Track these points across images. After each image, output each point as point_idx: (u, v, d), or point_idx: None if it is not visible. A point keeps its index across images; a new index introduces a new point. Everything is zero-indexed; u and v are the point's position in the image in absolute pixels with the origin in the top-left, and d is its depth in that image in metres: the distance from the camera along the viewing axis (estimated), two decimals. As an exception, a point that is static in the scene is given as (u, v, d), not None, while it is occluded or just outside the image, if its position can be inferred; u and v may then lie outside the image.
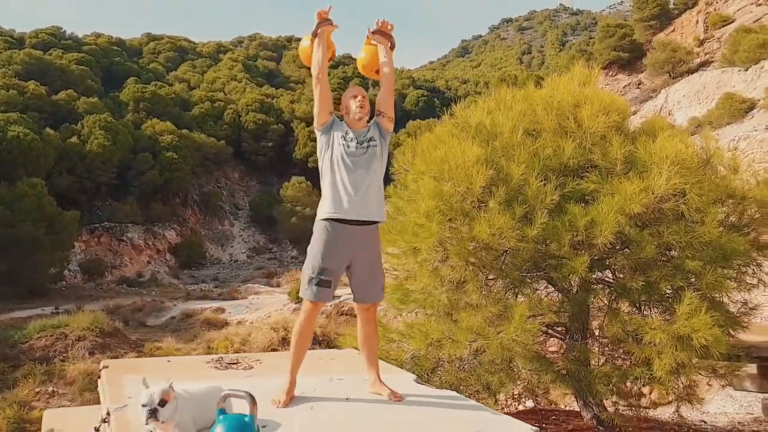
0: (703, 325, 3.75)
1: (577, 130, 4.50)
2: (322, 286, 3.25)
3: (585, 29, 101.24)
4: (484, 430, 2.92)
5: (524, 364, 4.37)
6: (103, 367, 3.91)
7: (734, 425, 6.12)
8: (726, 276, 4.31)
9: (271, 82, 69.79)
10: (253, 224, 53.91)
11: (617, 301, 4.58)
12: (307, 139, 53.53)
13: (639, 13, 42.13)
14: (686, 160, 4.14)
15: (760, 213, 4.51)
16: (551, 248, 4.22)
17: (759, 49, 28.59)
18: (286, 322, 25.01)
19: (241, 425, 2.46)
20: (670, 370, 3.92)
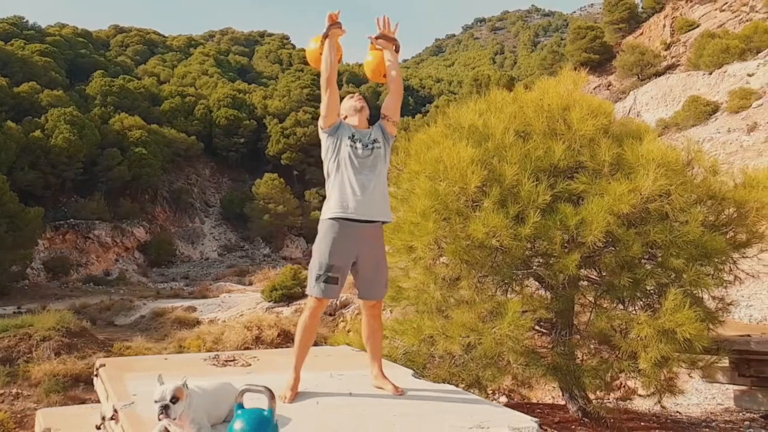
0: (687, 320, 3.94)
1: (567, 132, 4.66)
2: (330, 283, 3.32)
3: (556, 30, 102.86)
4: (488, 421, 3.03)
5: (515, 358, 4.51)
6: (100, 365, 3.91)
7: (708, 415, 6.40)
8: (706, 273, 4.52)
9: (243, 77, 69.16)
10: (224, 221, 53.33)
11: (604, 298, 4.75)
12: (280, 135, 53.22)
13: (609, 16, 43.04)
14: (671, 163, 4.34)
15: (738, 213, 4.74)
16: (543, 246, 4.37)
17: (722, 54, 29.53)
18: (259, 321, 24.89)
19: (260, 419, 2.52)
20: (655, 363, 4.11)
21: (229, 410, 2.93)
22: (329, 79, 3.41)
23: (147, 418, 2.86)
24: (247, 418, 2.50)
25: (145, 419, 2.85)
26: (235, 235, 52.78)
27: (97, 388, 3.81)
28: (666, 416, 6.02)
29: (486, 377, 4.67)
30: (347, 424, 3.01)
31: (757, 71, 27.23)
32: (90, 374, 19.00)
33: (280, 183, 49.10)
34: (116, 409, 3.04)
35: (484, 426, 2.96)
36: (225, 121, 54.35)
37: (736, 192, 4.73)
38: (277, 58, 78.88)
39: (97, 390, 3.82)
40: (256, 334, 23.97)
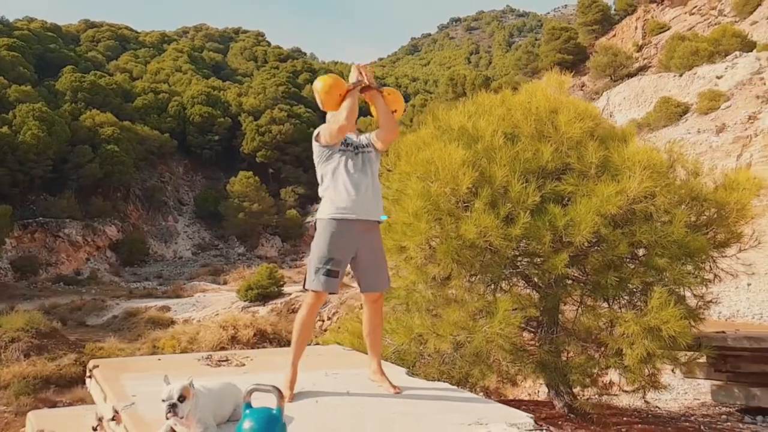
0: (672, 317, 4.08)
1: (554, 134, 4.77)
2: (330, 276, 3.37)
3: (531, 31, 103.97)
4: (485, 418, 3.10)
5: (504, 355, 4.60)
6: (94, 366, 3.88)
7: (686, 410, 6.60)
8: (688, 272, 4.67)
9: (217, 74, 68.43)
10: (198, 220, 52.73)
11: (590, 297, 4.87)
12: (255, 133, 52.81)
13: (582, 17, 43.67)
14: (656, 165, 4.47)
15: (718, 214, 4.91)
16: (532, 246, 4.47)
17: (692, 56, 30.18)
18: (235, 321, 24.72)
19: (269, 418, 2.55)
20: (640, 360, 4.24)
21: (233, 410, 2.96)
22: (346, 127, 3.39)
23: (150, 418, 2.87)
24: (256, 418, 2.53)
25: (149, 419, 2.86)
26: (210, 233, 52.23)
27: (91, 390, 3.79)
28: (646, 411, 6.19)
29: (475, 375, 4.75)
30: (347, 423, 3.05)
31: (725, 74, 27.93)
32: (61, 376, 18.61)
33: (255, 181, 48.73)
34: (117, 410, 3.04)
35: (483, 422, 3.03)
36: (199, 119, 53.72)
37: (717, 193, 4.90)
38: (252, 55, 78.21)
39: (91, 391, 3.79)
40: (231, 333, 23.81)
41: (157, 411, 2.96)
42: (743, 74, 26.93)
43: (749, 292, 16.49)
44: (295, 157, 53.10)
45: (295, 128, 53.06)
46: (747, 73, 26.86)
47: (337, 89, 3.40)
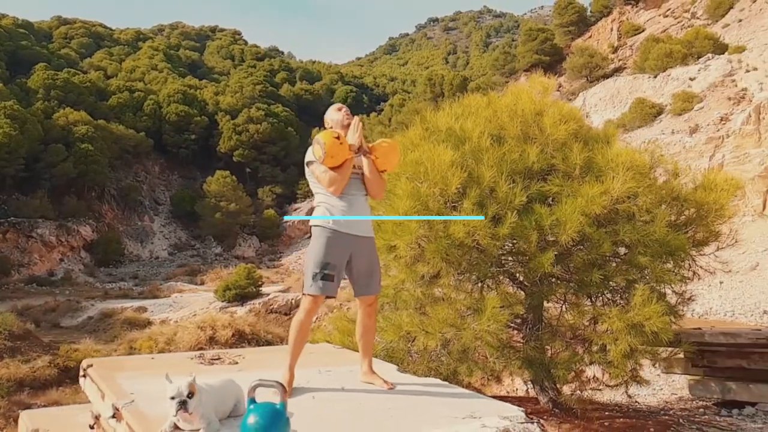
0: (654, 314, 4.22)
1: (540, 136, 4.88)
2: (327, 280, 3.45)
3: (508, 31, 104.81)
4: (478, 411, 3.19)
5: (491, 352, 4.70)
6: (88, 366, 3.88)
7: (664, 404, 6.79)
8: (668, 270, 4.82)
9: (194, 72, 67.76)
10: (174, 220, 52.14)
11: (575, 295, 5.00)
12: (232, 132, 52.43)
13: (559, 18, 44.18)
14: (639, 166, 4.61)
15: (697, 213, 5.08)
16: (520, 245, 4.58)
17: (666, 58, 30.77)
18: (213, 321, 24.56)
19: (273, 413, 2.60)
20: (624, 355, 4.37)
21: (233, 406, 3.00)
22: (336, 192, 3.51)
23: (151, 414, 2.91)
24: (261, 412, 2.58)
25: (150, 416, 2.90)
26: (186, 233, 51.70)
27: (85, 389, 3.79)
28: (627, 406, 6.37)
29: (462, 371, 4.84)
30: (345, 417, 3.12)
31: (698, 75, 28.56)
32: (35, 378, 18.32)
33: (232, 180, 48.37)
34: (117, 408, 3.06)
35: (476, 415, 3.12)
36: (175, 117, 53.13)
37: (696, 194, 5.06)
38: (229, 53, 77.61)
39: (85, 390, 3.80)
40: (210, 334, 23.66)
41: (158, 408, 3.00)
42: (715, 76, 27.57)
43: (722, 290, 16.95)
44: (273, 156, 52.88)
45: (273, 127, 52.81)
46: (719, 75, 27.50)
47: (340, 154, 3.46)
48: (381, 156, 3.62)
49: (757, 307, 17.55)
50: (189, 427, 2.71)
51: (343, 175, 3.47)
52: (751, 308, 17.28)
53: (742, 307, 17.47)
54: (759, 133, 24.13)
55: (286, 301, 29.05)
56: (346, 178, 3.50)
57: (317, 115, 70.15)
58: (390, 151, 3.66)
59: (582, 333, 4.91)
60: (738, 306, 17.84)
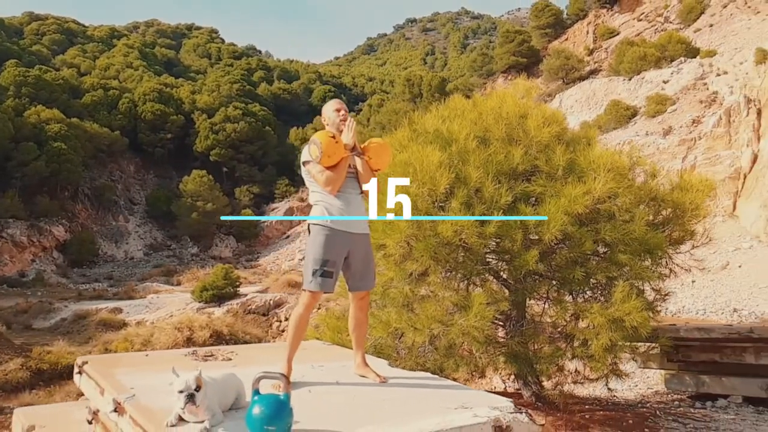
0: (634, 309, 4.40)
1: (524, 138, 5.04)
2: (326, 277, 3.56)
3: (485, 33, 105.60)
4: (469, 402, 3.32)
5: (477, 347, 4.84)
6: (83, 363, 3.93)
7: (641, 398, 7.02)
8: (646, 267, 5.02)
9: (170, 71, 67.01)
10: (150, 220, 51.52)
11: (557, 291, 5.17)
12: (209, 131, 51.97)
13: (536, 21, 44.70)
14: (619, 168, 4.80)
15: (674, 213, 5.29)
16: (505, 244, 4.73)
17: (640, 61, 31.39)
18: (190, 322, 24.36)
19: (278, 403, 2.70)
20: (605, 349, 4.55)
21: (234, 399, 3.09)
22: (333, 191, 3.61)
23: (154, 407, 2.98)
24: (266, 403, 2.67)
25: (154, 409, 2.97)
26: (162, 233, 51.12)
27: (81, 385, 3.84)
28: (605, 400, 6.57)
29: (449, 366, 4.98)
30: (342, 409, 3.23)
31: (671, 78, 29.21)
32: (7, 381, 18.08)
33: (208, 180, 47.94)
34: (119, 402, 3.12)
35: (468, 406, 3.24)
36: (151, 116, 52.50)
37: (674, 194, 5.27)
38: (205, 52, 76.94)
39: (82, 386, 3.84)
40: (187, 335, 23.46)
41: (159, 401, 3.08)
42: (688, 79, 28.22)
43: (693, 288, 17.40)
44: (250, 155, 52.58)
45: (250, 126, 52.51)
46: (691, 78, 28.16)
47: (336, 154, 3.56)
48: (374, 156, 3.73)
49: (728, 305, 18.06)
50: (194, 419, 2.80)
51: (338, 174, 3.57)
52: (721, 306, 17.79)
53: (713, 306, 17.96)
54: (729, 135, 24.78)
55: (264, 301, 28.93)
56: (342, 177, 3.60)
57: (295, 114, 69.60)
58: (382, 150, 3.78)
59: (564, 328, 5.07)
60: (709, 304, 18.35)
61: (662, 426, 5.43)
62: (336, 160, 3.56)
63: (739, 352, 6.23)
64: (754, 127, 24.22)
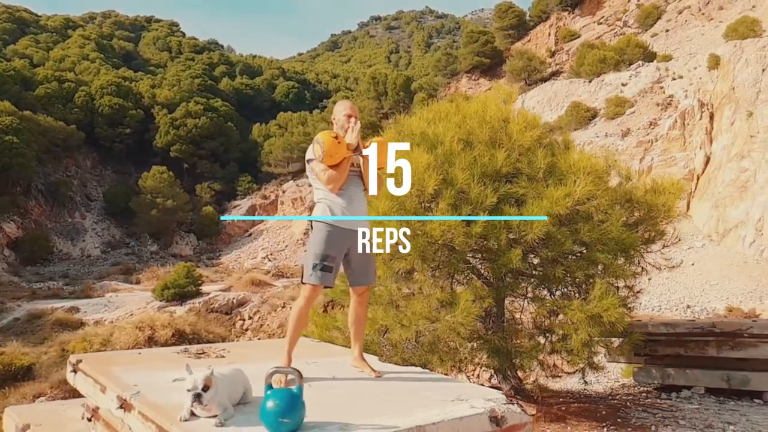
0: (612, 306, 4.64)
1: (507, 141, 5.24)
2: (326, 271, 3.67)
3: (449, 33, 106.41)
4: (464, 395, 3.48)
5: (460, 342, 5.01)
6: (77, 361, 3.92)
7: (611, 391, 7.34)
8: (620, 265, 5.28)
9: (128, 64, 65.33)
10: (107, 217, 50.19)
11: (537, 289, 5.39)
12: (170, 126, 50.96)
13: (499, 22, 45.32)
14: (598, 171, 5.04)
15: (648, 214, 5.57)
16: (490, 243, 4.91)
17: (600, 64, 32.25)
18: (152, 321, 23.96)
19: (291, 396, 2.79)
20: (583, 344, 4.78)
21: (242, 394, 3.17)
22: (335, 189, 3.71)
23: (162, 403, 3.04)
24: (280, 396, 2.76)
25: (163, 404, 3.02)
26: (120, 231, 49.89)
27: (77, 383, 3.84)
28: (578, 393, 6.85)
29: (434, 361, 5.14)
30: (344, 401, 3.34)
31: (630, 81, 30.13)
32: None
33: (169, 176, 46.99)
34: (125, 399, 3.16)
35: (463, 398, 3.40)
36: (109, 110, 51.09)
37: (647, 196, 5.56)
38: (165, 45, 75.29)
39: (77, 384, 3.85)
40: (148, 334, 23.08)
41: (165, 397, 3.14)
42: (645, 82, 29.17)
43: (650, 286, 18.07)
44: (212, 151, 51.80)
45: (212, 122, 51.71)
46: (649, 81, 29.12)
47: (338, 153, 3.63)
48: (380, 149, 3.83)
49: (682, 302, 18.84)
50: (206, 415, 2.87)
51: (340, 173, 3.67)
52: (675, 303, 18.55)
53: (667, 302, 18.72)
54: (684, 137, 25.76)
55: (227, 300, 28.65)
56: (344, 176, 3.70)
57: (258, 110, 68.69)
58: (382, 148, 3.89)
59: (543, 324, 5.29)
60: (664, 301, 19.12)
61: (633, 416, 5.72)
62: (338, 160, 3.65)
63: (702, 346, 6.59)
64: (707, 130, 25.26)
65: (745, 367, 6.50)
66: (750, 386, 6.49)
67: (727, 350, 6.44)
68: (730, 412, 5.90)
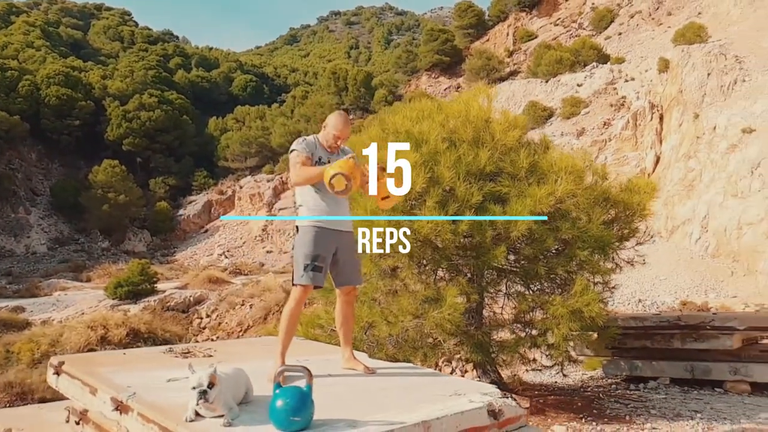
0: (592, 301, 4.80)
1: (490, 141, 5.33)
2: (317, 271, 3.69)
3: (409, 30, 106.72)
4: (461, 390, 3.54)
5: (445, 338, 5.09)
6: (60, 363, 3.80)
7: (581, 383, 7.58)
8: (597, 262, 5.47)
9: (77, 53, 62.97)
10: (55, 212, 48.34)
11: (519, 285, 5.52)
12: (122, 119, 49.42)
13: (459, 20, 45.76)
14: (578, 171, 5.19)
15: (623, 213, 5.78)
16: (476, 240, 5.00)
17: (556, 64, 32.98)
18: (105, 320, 23.26)
19: (301, 395, 2.79)
20: (563, 338, 4.93)
21: (245, 393, 3.15)
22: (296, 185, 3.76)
23: (163, 404, 2.98)
24: (290, 395, 2.76)
25: (163, 405, 2.97)
26: (69, 227, 48.15)
27: (61, 385, 3.73)
28: (551, 386, 7.05)
29: (417, 357, 5.20)
30: (348, 397, 3.37)
31: (585, 82, 30.95)
32: None
33: (121, 170, 45.59)
34: (121, 400, 3.09)
35: (460, 393, 3.46)
36: (56, 101, 49.12)
37: (623, 195, 5.76)
38: (117, 34, 72.91)
39: (61, 387, 3.73)
40: (101, 334, 22.41)
41: (162, 397, 3.09)
42: (599, 84, 30.01)
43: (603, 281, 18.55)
44: (166, 145, 50.54)
45: (167, 115, 50.43)
46: (602, 83, 29.97)
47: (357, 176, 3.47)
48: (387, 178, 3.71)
49: (633, 296, 19.51)
50: (211, 415, 2.84)
51: (307, 178, 3.65)
52: (627, 297, 19.20)
53: (620, 297, 19.34)
54: (636, 138, 26.65)
55: (184, 298, 28.09)
56: (310, 182, 3.68)
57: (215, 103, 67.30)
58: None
59: (524, 319, 5.43)
60: (617, 295, 19.69)
61: (607, 407, 5.93)
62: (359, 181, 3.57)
63: (667, 339, 6.88)
64: (657, 131, 26.21)
65: (706, 358, 6.82)
66: (711, 376, 6.82)
67: (690, 342, 6.74)
68: (695, 401, 6.19)
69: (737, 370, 6.69)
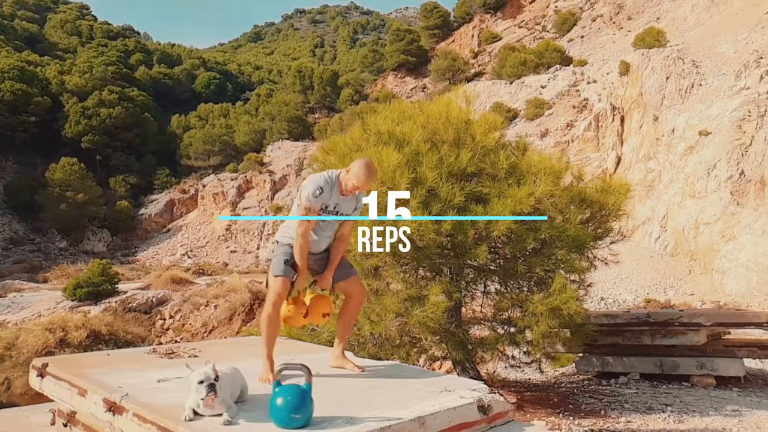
0: (570, 299, 4.94)
1: (470, 142, 5.43)
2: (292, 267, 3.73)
3: (374, 29, 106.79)
4: (450, 386, 3.61)
5: (426, 336, 5.16)
6: (43, 365, 3.72)
7: (555, 380, 7.76)
8: (575, 261, 5.62)
9: (32, 47, 61.00)
10: (9, 211, 46.78)
11: (498, 283, 5.63)
12: (81, 115, 48.15)
13: (425, 21, 46.09)
14: (556, 171, 5.33)
15: (599, 212, 5.95)
16: (458, 240, 5.08)
17: (521, 66, 33.52)
18: (64, 322, 22.66)
19: (302, 392, 2.81)
20: (543, 335, 5.05)
21: (240, 392, 3.15)
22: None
23: (158, 404, 2.96)
24: (291, 393, 2.78)
25: (157, 405, 2.95)
26: (24, 226, 46.67)
27: (45, 387, 3.65)
28: (526, 382, 7.20)
29: (400, 355, 5.26)
30: (343, 394, 3.39)
31: (548, 84, 31.54)
32: None
33: (80, 168, 44.43)
34: (114, 401, 3.05)
35: (450, 389, 3.53)
36: (10, 96, 47.55)
37: (599, 195, 5.93)
38: (75, 29, 70.90)
39: (45, 389, 3.66)
40: (60, 336, 21.83)
41: (155, 398, 3.07)
42: (563, 86, 30.62)
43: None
44: (127, 143, 49.45)
45: (128, 112, 49.36)
46: (566, 84, 30.59)
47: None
48: None
49: (596, 294, 20.00)
50: (210, 413, 2.84)
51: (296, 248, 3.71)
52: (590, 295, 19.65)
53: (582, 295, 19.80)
54: (597, 139, 27.31)
55: (146, 299, 27.56)
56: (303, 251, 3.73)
57: (177, 101, 66.16)
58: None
59: (502, 317, 5.54)
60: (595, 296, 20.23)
61: (582, 402, 6.11)
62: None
63: (637, 335, 7.11)
64: (618, 133, 26.91)
65: (674, 354, 7.08)
66: (679, 371, 7.08)
67: (659, 338, 6.98)
68: (664, 395, 6.42)
69: (703, 365, 6.97)
